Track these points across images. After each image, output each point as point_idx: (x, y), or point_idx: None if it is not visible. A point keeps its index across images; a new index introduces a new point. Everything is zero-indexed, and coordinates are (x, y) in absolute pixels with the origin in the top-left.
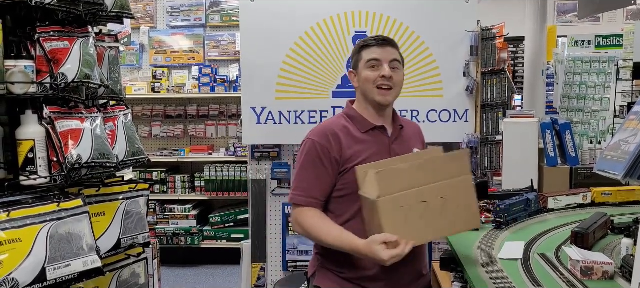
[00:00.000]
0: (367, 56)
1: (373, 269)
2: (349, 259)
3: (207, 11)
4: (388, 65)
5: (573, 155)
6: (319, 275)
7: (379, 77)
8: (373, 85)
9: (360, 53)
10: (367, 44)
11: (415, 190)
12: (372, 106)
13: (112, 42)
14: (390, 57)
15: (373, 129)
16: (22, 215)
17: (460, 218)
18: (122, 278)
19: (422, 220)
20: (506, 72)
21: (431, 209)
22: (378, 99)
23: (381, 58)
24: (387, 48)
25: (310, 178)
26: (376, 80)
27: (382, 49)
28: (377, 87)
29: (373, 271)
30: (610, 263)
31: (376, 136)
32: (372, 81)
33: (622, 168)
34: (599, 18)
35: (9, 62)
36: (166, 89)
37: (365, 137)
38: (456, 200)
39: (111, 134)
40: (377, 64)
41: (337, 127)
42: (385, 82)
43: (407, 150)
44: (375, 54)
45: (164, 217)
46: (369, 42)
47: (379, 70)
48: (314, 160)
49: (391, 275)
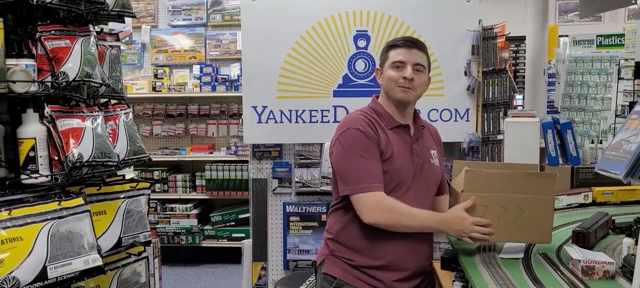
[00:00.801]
0: (393, 57)
1: (383, 259)
2: (360, 247)
3: (208, 10)
4: (411, 67)
5: (574, 155)
6: (328, 263)
7: (401, 77)
8: (395, 85)
9: (388, 52)
10: (395, 44)
11: (497, 194)
12: (394, 104)
13: (113, 40)
14: (415, 60)
15: (398, 126)
16: (23, 213)
17: (533, 232)
18: (123, 277)
19: (498, 222)
20: (507, 72)
21: (508, 216)
22: (399, 95)
23: (406, 60)
24: (413, 50)
25: (371, 163)
26: (398, 80)
27: (408, 51)
28: (399, 86)
29: (382, 261)
30: (611, 262)
31: (400, 134)
32: (394, 80)
33: (623, 168)
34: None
35: (10, 60)
36: (167, 88)
37: (391, 133)
38: (533, 214)
39: (112, 132)
40: (402, 65)
41: (369, 119)
42: (406, 83)
43: (426, 150)
44: (400, 56)
45: (165, 216)
46: (397, 42)
47: (402, 71)
48: (367, 146)
49: (400, 266)
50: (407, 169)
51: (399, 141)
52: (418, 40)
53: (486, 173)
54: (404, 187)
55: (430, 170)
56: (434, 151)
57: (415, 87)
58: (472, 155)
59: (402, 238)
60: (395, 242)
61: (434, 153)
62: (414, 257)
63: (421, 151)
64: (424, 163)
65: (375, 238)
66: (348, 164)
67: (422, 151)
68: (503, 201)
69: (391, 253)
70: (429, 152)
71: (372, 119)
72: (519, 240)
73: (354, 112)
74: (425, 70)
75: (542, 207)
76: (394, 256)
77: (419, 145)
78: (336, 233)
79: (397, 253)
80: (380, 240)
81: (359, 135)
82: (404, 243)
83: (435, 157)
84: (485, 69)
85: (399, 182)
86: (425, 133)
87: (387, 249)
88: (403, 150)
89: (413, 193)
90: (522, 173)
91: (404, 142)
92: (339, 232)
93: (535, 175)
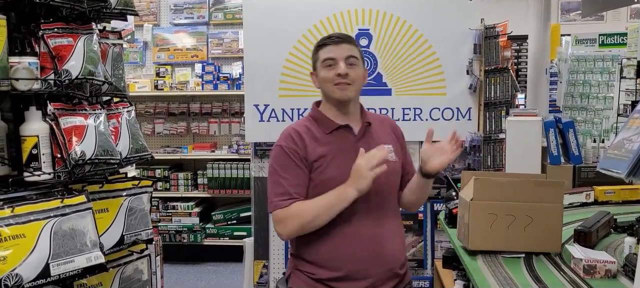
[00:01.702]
0: (323, 55)
1: (344, 269)
2: (320, 260)
3: (210, 9)
4: (343, 62)
5: (576, 154)
6: (293, 277)
7: (335, 75)
8: (331, 84)
9: (317, 53)
10: (323, 44)
11: (506, 203)
12: (334, 105)
13: (115, 39)
14: (345, 54)
15: (337, 128)
16: (26, 211)
17: (542, 240)
18: (125, 275)
19: (508, 230)
20: (509, 71)
21: (517, 224)
22: (337, 95)
23: (336, 56)
24: (342, 45)
25: (289, 179)
26: (333, 78)
27: (337, 47)
28: (335, 85)
29: (343, 271)
30: (613, 261)
31: (341, 135)
32: (329, 80)
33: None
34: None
35: (13, 58)
36: (169, 86)
37: (329, 137)
38: (542, 223)
39: (114, 130)
40: (333, 62)
41: (300, 129)
42: (341, 80)
43: (374, 146)
44: (330, 53)
45: (166, 214)
46: (324, 41)
47: (335, 69)
48: (285, 163)
49: (362, 274)
50: (347, 172)
51: (340, 144)
52: (346, 35)
53: (495, 182)
54: None
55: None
56: (387, 146)
57: (352, 81)
58: (474, 155)
59: (361, 245)
60: (354, 251)
61: (388, 147)
62: (377, 263)
63: (368, 148)
64: None
65: (333, 250)
66: (269, 183)
67: (368, 148)
68: (512, 209)
69: (351, 262)
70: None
71: (305, 128)
72: (528, 248)
73: (293, 123)
74: (359, 63)
75: (551, 215)
76: (355, 265)
77: (366, 142)
78: (296, 249)
79: (357, 261)
80: (339, 250)
81: (279, 153)
82: (363, 251)
83: (390, 151)
84: (487, 67)
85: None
86: (375, 128)
87: (346, 259)
88: (344, 150)
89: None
90: (531, 181)
91: (346, 143)
92: (299, 247)
93: (544, 184)
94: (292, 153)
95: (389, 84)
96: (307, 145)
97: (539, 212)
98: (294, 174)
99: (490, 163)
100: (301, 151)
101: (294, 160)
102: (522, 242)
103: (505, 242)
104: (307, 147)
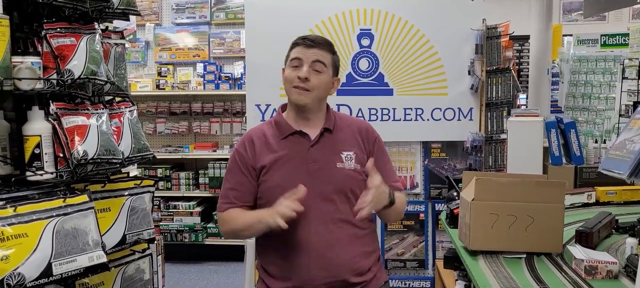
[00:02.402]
0: (292, 55)
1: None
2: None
3: (212, 8)
4: (308, 66)
5: (578, 154)
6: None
7: (296, 77)
8: (290, 85)
9: (289, 52)
10: (296, 43)
11: (507, 203)
12: (293, 108)
13: (118, 38)
14: (312, 58)
15: (292, 133)
16: (29, 210)
17: (543, 240)
18: (127, 274)
19: (509, 231)
20: (511, 71)
21: (518, 224)
22: (293, 97)
23: (302, 57)
24: (313, 49)
25: (231, 185)
26: (293, 80)
27: (307, 49)
28: (293, 87)
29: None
30: (614, 262)
31: (294, 141)
32: (290, 81)
33: (627, 168)
34: (605, 17)
35: (16, 58)
36: (171, 86)
37: (283, 143)
38: (544, 223)
39: (117, 130)
40: (299, 63)
41: (256, 134)
42: (300, 83)
43: (331, 154)
44: (298, 53)
45: (168, 214)
46: (298, 40)
47: (297, 71)
48: (232, 168)
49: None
50: (293, 179)
51: (292, 149)
52: (322, 39)
53: (496, 182)
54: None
55: (336, 173)
56: (348, 152)
57: (312, 88)
58: (475, 155)
59: (309, 254)
60: (302, 260)
61: (349, 155)
62: (326, 272)
63: (320, 156)
64: (324, 168)
65: (283, 258)
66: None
67: (321, 156)
68: (513, 210)
69: (298, 272)
70: (338, 155)
71: (262, 133)
72: (529, 249)
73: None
74: (326, 70)
75: (552, 215)
76: (302, 274)
77: (319, 149)
78: (259, 259)
79: (304, 271)
80: (287, 259)
81: (232, 156)
82: (311, 259)
83: (349, 159)
84: (488, 68)
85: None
86: (336, 134)
87: (294, 268)
88: (295, 157)
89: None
90: (532, 181)
91: (298, 149)
92: (259, 254)
93: (545, 184)
94: (240, 160)
95: (391, 84)
96: (256, 153)
97: (541, 213)
98: (236, 180)
99: (491, 164)
100: (249, 159)
101: (240, 166)
102: (523, 242)
103: (507, 242)
104: (256, 155)
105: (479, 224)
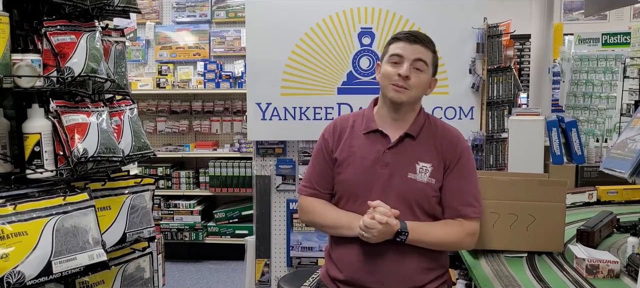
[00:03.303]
0: (392, 50)
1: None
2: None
3: (212, 7)
4: (409, 63)
5: (579, 154)
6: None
7: (396, 74)
8: (388, 82)
9: (388, 46)
10: (397, 38)
11: (508, 202)
12: (387, 104)
13: (118, 36)
14: (414, 56)
15: (374, 131)
16: (28, 208)
17: (544, 239)
18: (127, 272)
19: (510, 230)
20: (512, 70)
21: (519, 223)
22: (390, 94)
23: (405, 55)
24: (415, 46)
25: (315, 171)
26: (392, 77)
27: (409, 46)
28: (392, 84)
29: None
30: (616, 261)
31: (373, 140)
32: (388, 77)
33: (628, 167)
34: (606, 16)
35: (15, 55)
36: (171, 84)
37: (364, 139)
38: (545, 222)
39: (117, 128)
40: (400, 60)
41: (346, 122)
42: (400, 82)
43: (405, 162)
44: (399, 50)
45: (168, 213)
46: (399, 35)
47: (398, 67)
48: (317, 154)
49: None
50: (362, 180)
51: (368, 148)
52: (424, 36)
53: (497, 181)
54: (360, 198)
55: (404, 184)
56: (424, 164)
57: (411, 86)
58: (476, 154)
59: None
60: (355, 258)
61: (424, 166)
62: (373, 278)
63: (395, 161)
64: (394, 175)
65: (341, 252)
66: None
67: (396, 162)
68: (514, 209)
69: (349, 268)
70: (414, 165)
71: (352, 122)
72: (530, 248)
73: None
74: (427, 69)
75: (553, 214)
76: (352, 272)
77: (394, 154)
78: (330, 243)
79: (354, 269)
80: (344, 254)
81: (319, 140)
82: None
83: (424, 171)
84: (490, 67)
85: (352, 192)
86: (418, 142)
87: (347, 263)
88: (369, 156)
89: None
90: (533, 180)
91: (374, 149)
92: (329, 237)
93: (546, 183)
94: (325, 146)
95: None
96: (341, 141)
97: (542, 212)
98: (320, 167)
99: (492, 163)
100: (329, 147)
101: (324, 153)
102: (524, 241)
103: (508, 242)
104: (340, 142)
105: (482, 224)
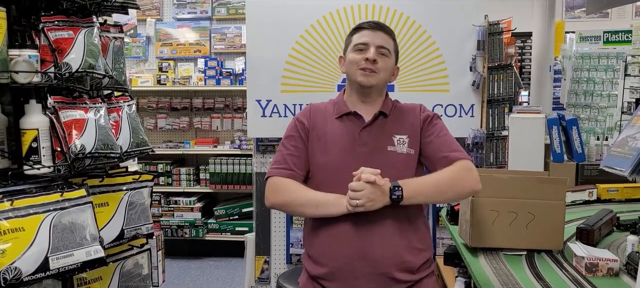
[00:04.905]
0: (356, 40)
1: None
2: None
3: (213, 4)
4: (375, 48)
5: (579, 152)
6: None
7: (363, 59)
8: (356, 67)
9: (351, 36)
10: (359, 27)
11: (508, 200)
12: (355, 90)
13: (116, 32)
14: (379, 42)
15: (347, 114)
16: (26, 204)
17: (544, 237)
18: (125, 269)
19: (510, 227)
20: (513, 67)
21: (519, 221)
22: (359, 79)
23: (369, 41)
24: (378, 33)
25: (290, 151)
26: (360, 62)
27: (373, 33)
28: (360, 69)
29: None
30: (615, 260)
31: (348, 122)
32: (356, 63)
33: (629, 165)
34: (608, 14)
35: (13, 51)
36: (172, 81)
37: (338, 122)
38: (544, 219)
39: (115, 124)
40: (365, 47)
41: (317, 108)
42: (368, 65)
43: (382, 138)
44: (363, 38)
45: (168, 209)
46: (361, 25)
47: (364, 53)
48: (291, 134)
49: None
50: (342, 161)
51: (343, 130)
52: (385, 25)
53: (497, 179)
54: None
55: (385, 157)
56: (400, 136)
57: (379, 69)
58: (477, 151)
59: (347, 243)
60: (339, 247)
61: (401, 138)
62: (365, 263)
63: (370, 139)
64: (374, 151)
65: (322, 245)
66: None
67: (371, 139)
68: (514, 206)
69: (334, 259)
70: (391, 138)
71: (324, 107)
72: (530, 246)
73: None
74: (390, 55)
75: (553, 212)
76: (338, 262)
77: (370, 132)
78: (304, 240)
79: (340, 259)
80: (325, 246)
81: (291, 124)
82: (348, 248)
83: (401, 143)
84: (490, 64)
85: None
86: (391, 119)
87: (330, 255)
88: (346, 137)
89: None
90: (533, 178)
91: (350, 130)
92: (305, 238)
93: (546, 181)
94: (301, 127)
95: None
96: (316, 124)
97: (541, 210)
98: (296, 146)
99: (492, 161)
100: (309, 125)
101: (301, 133)
102: (523, 239)
103: (507, 239)
104: (315, 125)
105: (480, 221)
